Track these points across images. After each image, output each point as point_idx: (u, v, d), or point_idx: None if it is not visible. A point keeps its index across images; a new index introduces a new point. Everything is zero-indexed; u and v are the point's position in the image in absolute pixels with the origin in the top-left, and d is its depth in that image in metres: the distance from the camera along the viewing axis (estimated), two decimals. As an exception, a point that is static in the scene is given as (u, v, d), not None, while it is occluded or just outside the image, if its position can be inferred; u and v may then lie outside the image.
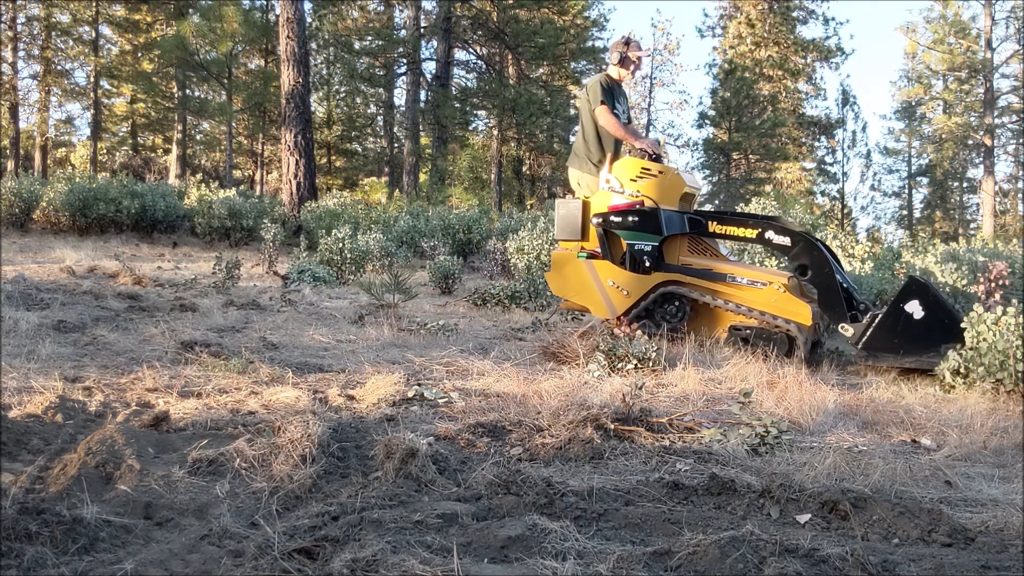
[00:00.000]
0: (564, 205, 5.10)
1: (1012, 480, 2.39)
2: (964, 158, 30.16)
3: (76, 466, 2.02)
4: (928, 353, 4.06)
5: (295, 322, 5.12)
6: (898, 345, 4.15)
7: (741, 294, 4.61)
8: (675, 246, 4.86)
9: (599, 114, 5.06)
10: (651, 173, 4.87)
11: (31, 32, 22.10)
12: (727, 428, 2.76)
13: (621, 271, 4.84)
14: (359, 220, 12.02)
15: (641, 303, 4.78)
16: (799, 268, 4.54)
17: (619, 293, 4.81)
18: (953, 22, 25.76)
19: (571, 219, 5.03)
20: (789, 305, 4.48)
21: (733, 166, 27.84)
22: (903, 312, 4.12)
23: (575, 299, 5.00)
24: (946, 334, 4.01)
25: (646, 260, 4.78)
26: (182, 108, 22.40)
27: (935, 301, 4.11)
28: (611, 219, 4.85)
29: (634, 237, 4.80)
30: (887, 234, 28.59)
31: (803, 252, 4.52)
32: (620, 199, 4.88)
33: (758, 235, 4.65)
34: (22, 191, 11.23)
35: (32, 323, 4.33)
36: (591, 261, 4.91)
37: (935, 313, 4.08)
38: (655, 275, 4.77)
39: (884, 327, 4.18)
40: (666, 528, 1.86)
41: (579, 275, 4.94)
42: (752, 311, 4.55)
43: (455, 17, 20.76)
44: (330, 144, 26.06)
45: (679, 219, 4.80)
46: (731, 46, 29.42)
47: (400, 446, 2.18)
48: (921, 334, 4.08)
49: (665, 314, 4.82)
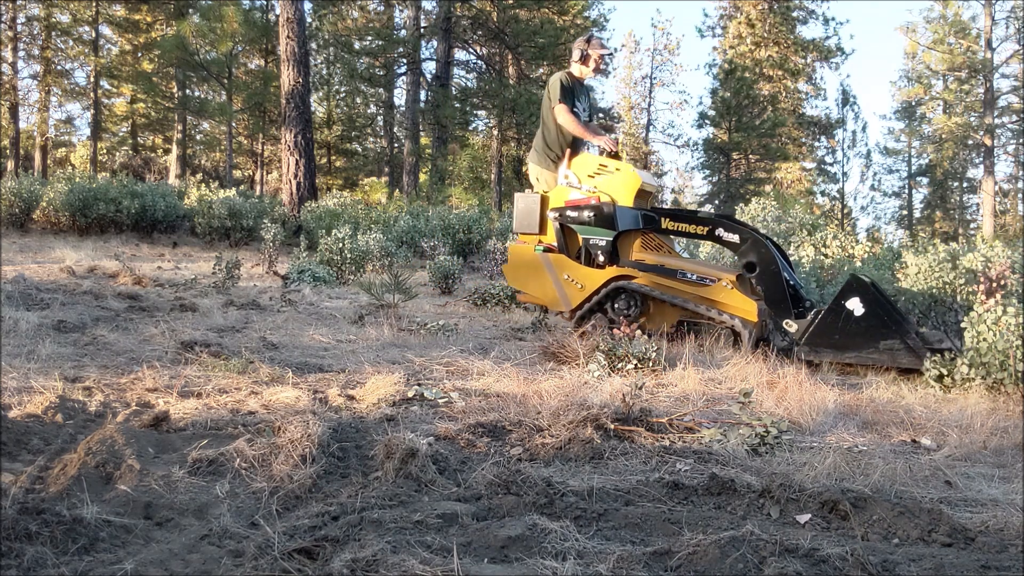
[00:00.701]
0: (523, 199, 5.23)
1: (1012, 480, 2.39)
2: (964, 158, 30.17)
3: (76, 466, 2.02)
4: (867, 349, 4.20)
5: (295, 322, 5.12)
6: (839, 341, 4.27)
7: (690, 290, 4.74)
8: (629, 242, 4.99)
9: (557, 112, 5.16)
10: (608, 170, 4.99)
11: (31, 32, 22.11)
12: (727, 428, 2.76)
13: (576, 265, 4.97)
14: (359, 220, 12.02)
15: (594, 297, 4.90)
16: (747, 265, 4.66)
17: (574, 287, 4.95)
18: (953, 22, 25.77)
19: (529, 213, 5.17)
20: (736, 301, 4.63)
21: (733, 166, 27.84)
22: (844, 309, 4.23)
23: (531, 292, 5.14)
24: (886, 331, 4.14)
25: (600, 255, 4.92)
26: (182, 108, 22.40)
27: (875, 299, 4.21)
28: (567, 214, 4.98)
29: (589, 232, 4.94)
30: (887, 234, 28.61)
31: (751, 250, 4.65)
32: (577, 194, 5.02)
33: (708, 232, 4.79)
34: (22, 191, 11.23)
35: (32, 323, 4.33)
36: (547, 255, 5.04)
37: (875, 310, 4.18)
38: (609, 270, 4.90)
39: (825, 323, 4.30)
40: (666, 528, 1.86)
41: (535, 268, 5.07)
42: (700, 306, 4.69)
43: (455, 17, 20.76)
44: (330, 144, 26.06)
45: (633, 215, 4.92)
46: (731, 46, 29.42)
47: (400, 446, 2.18)
48: (861, 331, 4.20)
49: (617, 308, 4.93)
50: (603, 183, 4.97)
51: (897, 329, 4.13)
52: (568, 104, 5.17)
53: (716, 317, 4.64)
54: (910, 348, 4.11)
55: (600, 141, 5.11)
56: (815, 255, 7.24)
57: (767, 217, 8.66)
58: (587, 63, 5.31)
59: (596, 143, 5.15)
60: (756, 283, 4.67)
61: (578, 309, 4.94)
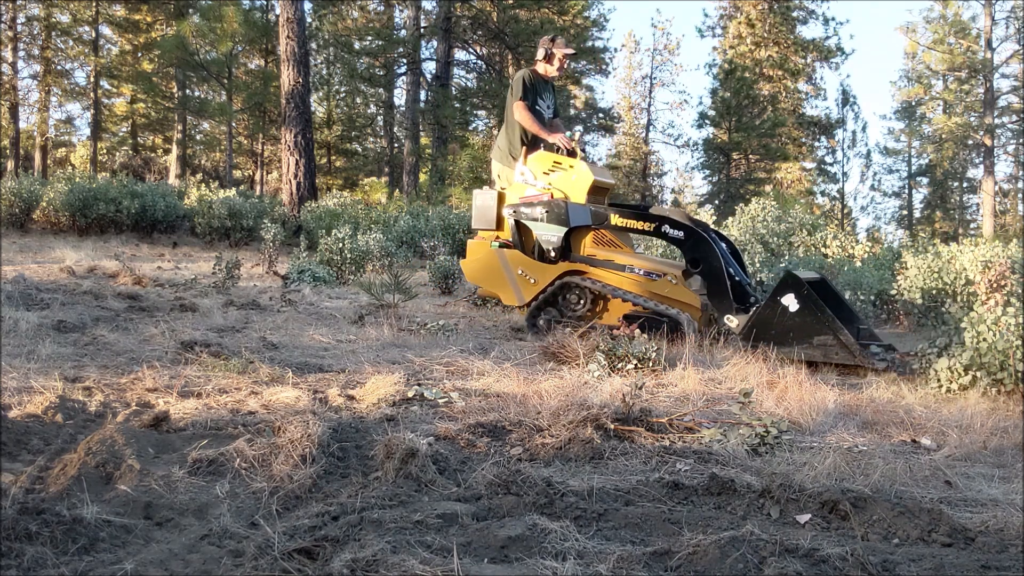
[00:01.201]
0: (480, 196, 5.38)
1: (1012, 480, 2.39)
2: (964, 158, 30.16)
3: (76, 466, 2.02)
4: (802, 344, 4.32)
5: (295, 322, 5.12)
6: (775, 336, 4.37)
7: (638, 284, 4.88)
8: (580, 237, 5.12)
9: (515, 109, 5.28)
10: (562, 167, 5.12)
11: (31, 32, 22.11)
12: (727, 428, 2.76)
13: (530, 260, 5.11)
14: (359, 220, 12.02)
15: (546, 291, 5.05)
16: (691, 261, 4.79)
17: (527, 281, 5.10)
18: (953, 22, 25.76)
19: (486, 209, 5.31)
20: (680, 296, 4.80)
21: (733, 166, 27.83)
22: (780, 305, 4.35)
23: (487, 286, 5.30)
24: (819, 327, 4.26)
25: (552, 250, 5.05)
26: (182, 108, 22.39)
27: (808, 295, 4.31)
28: (522, 210, 5.12)
29: (542, 228, 5.07)
30: (887, 234, 28.60)
31: (695, 246, 4.78)
32: (532, 191, 5.15)
33: (654, 228, 4.91)
34: (22, 191, 11.23)
35: (32, 323, 4.33)
36: (503, 250, 5.19)
37: (808, 307, 4.30)
38: (560, 265, 5.04)
39: (762, 319, 4.42)
40: (666, 528, 1.86)
41: (492, 263, 5.22)
42: (647, 301, 4.82)
43: (455, 17, 20.76)
44: (330, 144, 26.06)
45: (585, 212, 5.04)
46: (731, 46, 29.41)
47: (400, 446, 2.18)
48: (796, 326, 4.32)
49: (567, 303, 5.08)
50: (557, 180, 5.11)
51: (830, 325, 4.24)
52: (528, 101, 5.29)
53: (662, 311, 4.77)
54: (843, 344, 4.22)
55: (555, 139, 5.20)
56: (815, 255, 7.25)
57: (767, 217, 8.66)
58: (551, 62, 5.44)
59: (551, 140, 5.22)
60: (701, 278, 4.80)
61: (532, 302, 5.10)
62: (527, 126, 5.26)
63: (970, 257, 5.83)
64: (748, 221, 8.67)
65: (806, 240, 8.31)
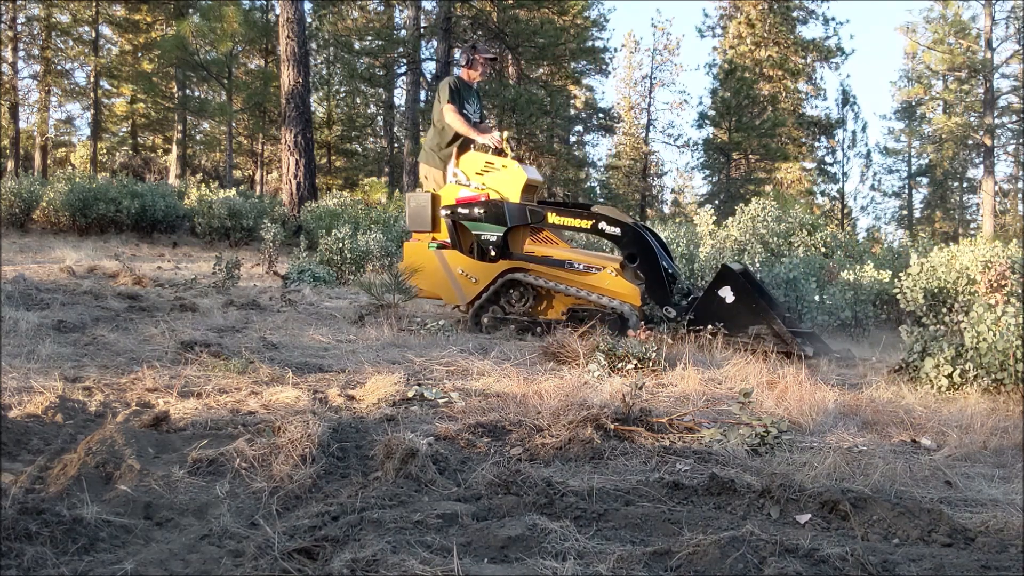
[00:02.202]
0: (414, 198, 5.46)
1: (1012, 480, 2.39)
2: (964, 158, 30.15)
3: (76, 466, 2.02)
4: (738, 334, 4.56)
5: (295, 322, 5.12)
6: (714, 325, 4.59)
7: (578, 279, 4.98)
8: (519, 236, 5.22)
9: (446, 112, 5.42)
10: (495, 167, 5.22)
11: (31, 32, 22.09)
12: (727, 428, 2.76)
13: (470, 260, 5.20)
14: (359, 220, 12.01)
15: (489, 288, 5.13)
16: (629, 256, 4.97)
17: (468, 281, 5.19)
18: (953, 22, 25.75)
19: (421, 211, 5.40)
20: (620, 287, 4.91)
21: (733, 166, 27.83)
22: (716, 296, 4.60)
23: (428, 288, 5.38)
24: (753, 317, 4.52)
25: (492, 249, 5.15)
26: (182, 108, 22.38)
27: (743, 287, 4.56)
28: (459, 211, 5.21)
29: (480, 228, 5.17)
30: (887, 234, 28.63)
31: (632, 242, 4.95)
32: (467, 192, 5.24)
33: (592, 226, 5.05)
34: (22, 191, 11.23)
35: (32, 323, 4.32)
36: (441, 251, 5.29)
37: (743, 298, 4.55)
38: (501, 263, 5.14)
39: (701, 308, 4.67)
40: (666, 528, 1.86)
41: (431, 265, 5.30)
42: (590, 294, 4.93)
43: (455, 17, 20.75)
44: (330, 144, 26.05)
45: (521, 210, 5.14)
46: (731, 46, 29.40)
47: (400, 446, 2.18)
48: (732, 316, 4.57)
49: (510, 300, 5.17)
50: (491, 180, 5.19)
51: (764, 315, 4.47)
52: (456, 105, 5.44)
53: (606, 304, 4.88)
54: (776, 333, 4.46)
55: (485, 139, 5.31)
56: (814, 254, 7.24)
57: (767, 217, 8.65)
58: (474, 67, 5.65)
59: (481, 141, 5.34)
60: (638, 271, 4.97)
61: (475, 301, 5.19)
62: (458, 128, 5.41)
63: (970, 257, 5.83)
64: (748, 221, 8.65)
65: (806, 240, 8.30)
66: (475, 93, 5.76)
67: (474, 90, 5.75)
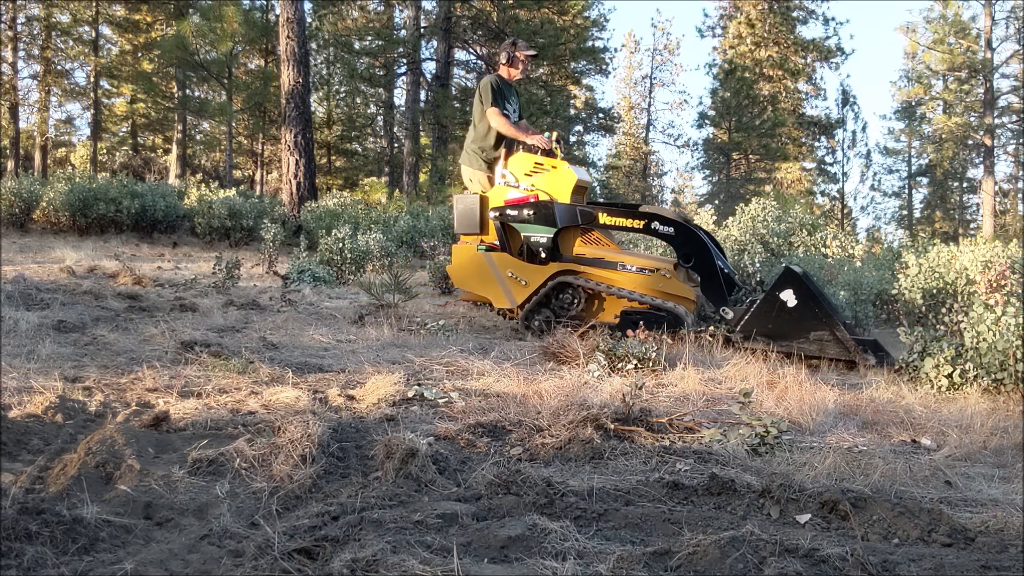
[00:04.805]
0: (462, 200, 5.36)
1: (1012, 480, 2.39)
2: (964, 158, 30.15)
3: (76, 466, 2.02)
4: (799, 339, 4.39)
5: (295, 322, 5.12)
6: (772, 330, 4.44)
7: (631, 281, 4.88)
8: (569, 237, 5.13)
9: (490, 115, 5.33)
10: (544, 168, 5.14)
11: (31, 32, 22.08)
12: (727, 428, 2.76)
13: (519, 262, 5.11)
14: (359, 220, 12.01)
15: (539, 292, 5.04)
16: (684, 256, 4.86)
17: (518, 283, 5.09)
18: (953, 22, 25.75)
19: (470, 214, 5.30)
20: (675, 289, 4.81)
21: (733, 166, 27.84)
22: (778, 299, 4.40)
23: (476, 290, 5.27)
24: (816, 322, 4.33)
25: (542, 251, 5.05)
26: (182, 108, 22.37)
27: (808, 291, 4.37)
28: (508, 212, 5.12)
29: (530, 229, 5.08)
30: (887, 234, 28.62)
31: (686, 241, 4.83)
32: (516, 193, 5.15)
33: (644, 226, 4.93)
34: (22, 191, 11.22)
35: (32, 323, 4.33)
36: (490, 253, 5.19)
37: (807, 302, 4.35)
38: (551, 265, 5.04)
39: (760, 312, 4.47)
40: (666, 528, 1.86)
41: (479, 267, 5.21)
42: (643, 297, 4.82)
43: (455, 17, 20.75)
44: (330, 144, 26.04)
45: (572, 211, 5.05)
46: (731, 46, 29.41)
47: (400, 446, 2.18)
48: (793, 321, 4.38)
49: (561, 303, 5.08)
50: (540, 181, 5.12)
51: (827, 321, 4.31)
52: (499, 107, 5.36)
53: (659, 305, 4.79)
54: (838, 340, 4.30)
55: (534, 140, 5.24)
56: (815, 255, 7.25)
57: (767, 217, 8.65)
58: (515, 65, 5.53)
59: (530, 142, 5.26)
60: (693, 272, 4.87)
61: (524, 304, 5.10)
62: (504, 131, 5.34)
63: (970, 257, 5.83)
64: (748, 221, 8.66)
65: (806, 240, 8.30)
66: (514, 91, 5.65)
67: (513, 88, 5.63)
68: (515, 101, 5.64)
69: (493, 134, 5.42)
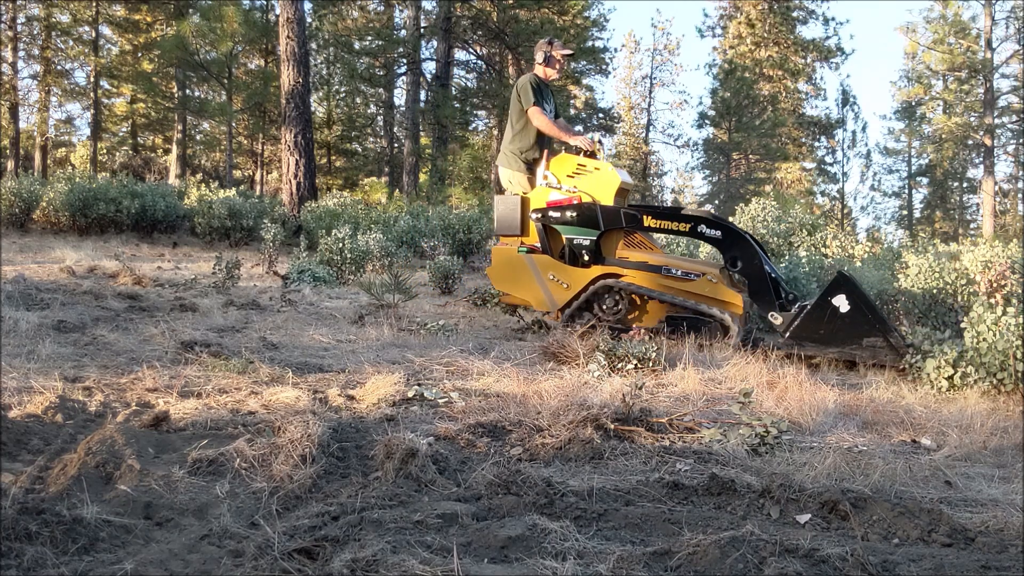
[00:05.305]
0: (503, 202, 5.26)
1: (1012, 480, 2.39)
2: (964, 158, 30.16)
3: (76, 466, 2.02)
4: (851, 345, 4.29)
5: (295, 322, 5.12)
6: (823, 336, 4.36)
7: (676, 285, 4.80)
8: (612, 240, 5.04)
9: (532, 115, 5.24)
10: (587, 169, 5.05)
11: (31, 32, 22.08)
12: (727, 428, 2.76)
13: (561, 265, 5.01)
14: (359, 220, 12.01)
15: (581, 296, 4.95)
16: (731, 260, 4.76)
17: (559, 287, 4.99)
18: (953, 22, 25.75)
19: (510, 215, 5.20)
20: (722, 294, 4.71)
21: (733, 166, 27.84)
22: (830, 305, 4.31)
23: (516, 293, 5.18)
24: (869, 328, 4.24)
25: (585, 254, 4.96)
26: (182, 108, 22.38)
27: (861, 296, 4.29)
28: (550, 214, 5.03)
29: (573, 231, 4.98)
30: (887, 234, 28.60)
31: (734, 245, 4.74)
32: (558, 195, 5.06)
33: (691, 229, 4.85)
34: (22, 191, 11.22)
35: (32, 323, 4.33)
36: (531, 256, 5.08)
37: (859, 308, 4.27)
38: (594, 268, 4.96)
39: (811, 318, 4.38)
40: (666, 528, 1.86)
41: (520, 270, 5.10)
42: (687, 301, 4.75)
43: (455, 17, 20.76)
44: (330, 144, 26.04)
45: (616, 214, 4.96)
46: (731, 46, 29.43)
47: (400, 446, 2.18)
48: (845, 327, 4.29)
49: (604, 306, 4.99)
50: (583, 183, 5.03)
51: (881, 327, 4.23)
52: (540, 106, 5.27)
53: (705, 311, 4.71)
54: (892, 346, 4.21)
55: (577, 141, 5.17)
56: (815, 255, 7.24)
57: (767, 217, 8.66)
58: (552, 65, 5.44)
59: (574, 143, 5.20)
60: (740, 277, 4.77)
61: (565, 308, 5.01)
62: (547, 131, 5.25)
63: (970, 257, 5.83)
64: (748, 221, 8.67)
65: (806, 240, 8.30)
66: (551, 91, 5.58)
67: (549, 88, 5.56)
68: (552, 101, 5.55)
69: (532, 134, 5.32)
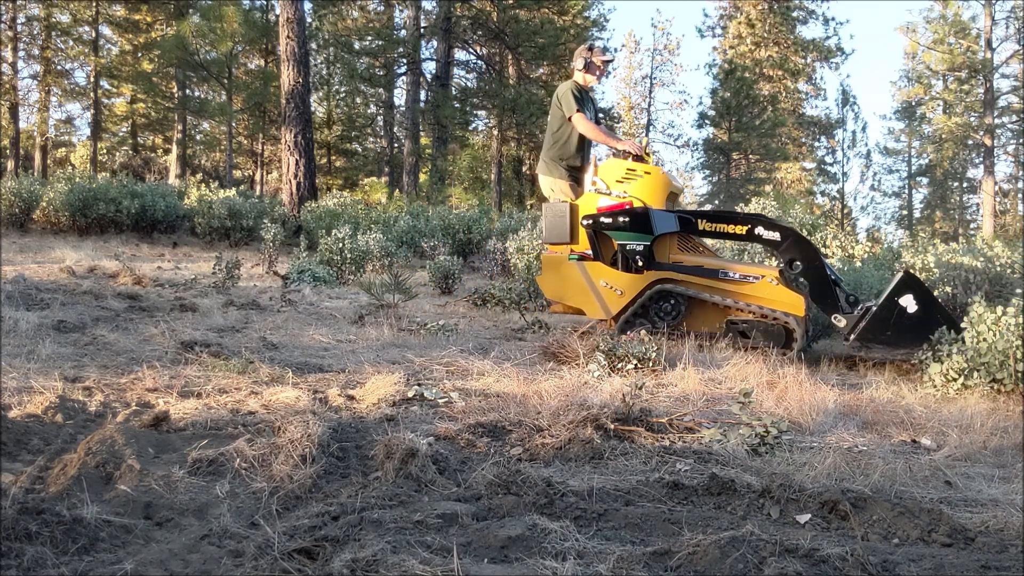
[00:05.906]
0: (552, 209, 5.16)
1: (1012, 480, 2.39)
2: (964, 158, 30.17)
3: (76, 466, 2.02)
4: (918, 346, 4.20)
5: (295, 322, 5.12)
6: (890, 337, 4.30)
7: (734, 289, 4.72)
8: (665, 245, 4.97)
9: (577, 121, 5.19)
10: (636, 174, 4.98)
11: (31, 32, 22.09)
12: (727, 428, 2.76)
13: (613, 271, 4.92)
14: (359, 220, 12.01)
15: (636, 302, 4.86)
16: (790, 262, 4.67)
17: (613, 293, 4.89)
18: (953, 22, 25.76)
19: (560, 223, 5.09)
20: (783, 297, 4.62)
21: (733, 166, 27.84)
22: (897, 305, 4.25)
23: (569, 301, 5.06)
24: (938, 328, 4.15)
25: (639, 259, 4.87)
26: (182, 108, 22.39)
27: (929, 296, 4.24)
28: (601, 220, 4.93)
29: (626, 237, 4.89)
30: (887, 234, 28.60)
31: (793, 246, 4.66)
32: (608, 200, 4.97)
33: (748, 231, 4.76)
34: (22, 191, 11.22)
35: (32, 323, 4.33)
36: (582, 263, 4.99)
37: (928, 308, 4.21)
38: (648, 274, 4.87)
39: (878, 319, 4.30)
40: (666, 528, 1.86)
41: (571, 277, 5.00)
42: (749, 305, 4.67)
43: (455, 17, 20.77)
44: (330, 144, 26.05)
45: (669, 218, 4.91)
46: (731, 46, 29.44)
47: (400, 446, 2.17)
48: (913, 327, 4.22)
49: (660, 312, 4.91)
50: (633, 188, 4.94)
51: (951, 327, 4.11)
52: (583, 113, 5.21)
53: (767, 314, 4.63)
54: None
55: (626, 145, 5.12)
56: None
57: (767, 217, 8.65)
58: (592, 71, 5.38)
59: (622, 147, 5.15)
60: (800, 279, 4.69)
61: (620, 315, 4.90)
62: (593, 137, 5.23)
63: (970, 257, 5.83)
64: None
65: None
66: (591, 98, 5.52)
67: (590, 94, 5.51)
68: (591, 107, 5.48)
69: (574, 141, 5.26)
